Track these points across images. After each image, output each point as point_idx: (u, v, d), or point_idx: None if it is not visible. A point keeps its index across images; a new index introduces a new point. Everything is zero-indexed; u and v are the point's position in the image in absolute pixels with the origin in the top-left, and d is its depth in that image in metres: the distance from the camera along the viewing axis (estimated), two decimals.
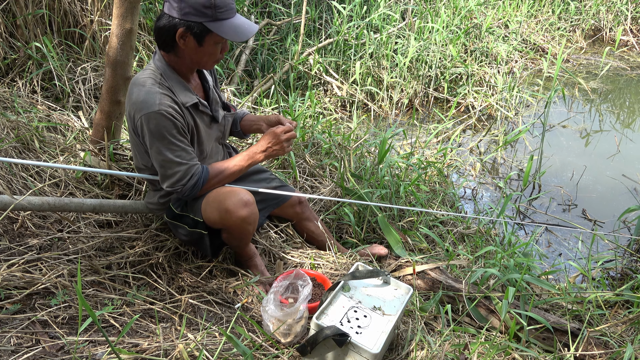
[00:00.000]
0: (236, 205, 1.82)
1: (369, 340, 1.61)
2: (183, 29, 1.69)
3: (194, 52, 1.75)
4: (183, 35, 1.71)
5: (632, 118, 4.54)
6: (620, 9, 5.91)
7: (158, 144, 1.75)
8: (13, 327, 1.58)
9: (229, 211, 1.82)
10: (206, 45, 1.73)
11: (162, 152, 1.75)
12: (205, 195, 1.91)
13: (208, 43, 1.73)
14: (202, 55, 1.77)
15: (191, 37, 1.71)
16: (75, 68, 3.19)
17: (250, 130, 2.16)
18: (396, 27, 4.62)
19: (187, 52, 1.76)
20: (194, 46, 1.73)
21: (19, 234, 2.04)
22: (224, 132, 2.09)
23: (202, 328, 1.77)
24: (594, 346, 1.87)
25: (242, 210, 1.83)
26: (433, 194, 2.94)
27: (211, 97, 1.96)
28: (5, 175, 2.26)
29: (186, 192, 1.83)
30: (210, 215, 1.88)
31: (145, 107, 1.71)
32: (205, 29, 1.69)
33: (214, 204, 1.86)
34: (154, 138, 1.74)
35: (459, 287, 2.09)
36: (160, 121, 1.72)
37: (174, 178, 1.79)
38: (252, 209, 1.87)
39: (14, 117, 2.57)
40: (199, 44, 1.73)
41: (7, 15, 3.06)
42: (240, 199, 1.83)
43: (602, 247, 2.93)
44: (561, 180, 3.54)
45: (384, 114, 4.29)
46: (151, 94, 1.72)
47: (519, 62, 5.12)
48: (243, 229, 1.90)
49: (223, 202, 1.84)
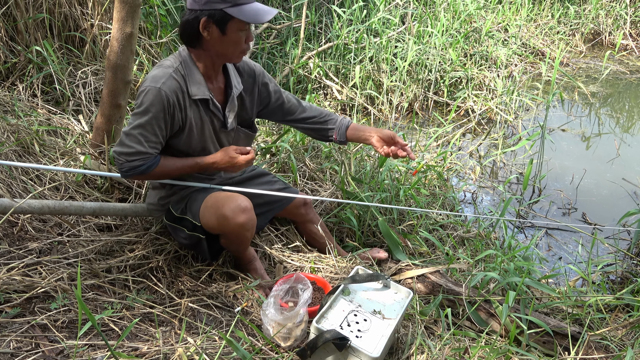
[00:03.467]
0: (234, 212, 1.82)
1: (369, 344, 1.61)
2: (205, 18, 1.73)
3: (218, 42, 1.78)
4: (206, 25, 1.74)
5: (631, 122, 4.55)
6: (619, 13, 5.93)
7: (138, 116, 1.76)
8: (12, 330, 1.58)
9: (226, 217, 1.82)
10: (229, 32, 1.76)
11: (135, 124, 1.76)
12: (204, 200, 1.91)
13: (231, 30, 1.75)
14: (227, 44, 1.79)
15: (214, 25, 1.74)
16: (75, 72, 3.20)
17: (358, 140, 2.11)
18: (396, 31, 4.63)
19: (212, 43, 1.79)
20: (217, 35, 1.76)
21: (18, 238, 2.04)
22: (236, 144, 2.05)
23: (202, 332, 1.77)
24: (594, 350, 1.87)
25: (240, 216, 1.83)
26: (433, 198, 2.94)
27: (229, 102, 1.94)
28: (6, 179, 2.26)
29: (125, 168, 1.79)
30: (207, 221, 1.88)
31: (152, 81, 1.76)
32: (226, 15, 1.72)
33: (212, 209, 1.86)
34: (138, 109, 1.76)
35: (459, 290, 2.09)
36: (154, 98, 1.74)
37: (125, 149, 1.77)
38: (250, 215, 1.87)
39: (14, 121, 2.58)
40: (222, 32, 1.75)
41: (7, 19, 3.07)
42: (238, 205, 1.83)
43: (602, 251, 2.93)
44: (561, 184, 3.54)
45: (383, 118, 4.30)
46: (163, 73, 1.78)
47: (518, 65, 5.13)
48: (241, 235, 1.90)
49: (221, 208, 1.83)
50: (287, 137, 3.06)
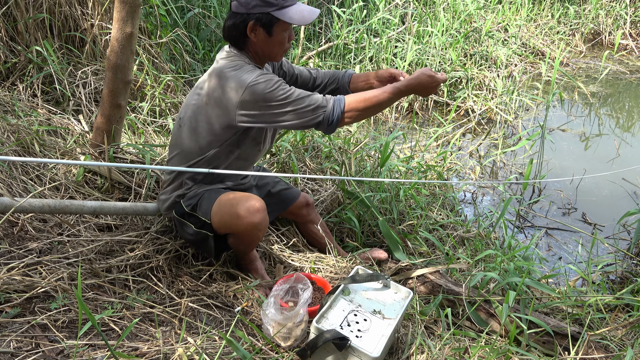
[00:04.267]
0: (248, 211, 1.82)
1: (369, 344, 1.61)
2: (252, 21, 1.78)
3: (265, 44, 1.84)
4: (253, 29, 1.80)
5: (631, 122, 4.55)
6: (619, 13, 5.93)
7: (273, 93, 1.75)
8: (13, 330, 1.58)
9: (240, 217, 1.82)
10: (275, 34, 1.82)
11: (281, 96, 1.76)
12: (217, 199, 1.91)
13: (277, 32, 1.82)
14: (273, 45, 1.85)
15: (261, 28, 1.80)
16: (75, 72, 3.20)
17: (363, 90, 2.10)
18: (396, 31, 4.63)
19: (258, 45, 1.85)
20: (264, 37, 1.82)
21: (19, 238, 2.04)
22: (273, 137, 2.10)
23: (202, 332, 1.77)
24: (594, 350, 1.87)
25: (254, 216, 1.83)
26: (433, 198, 2.94)
27: None
28: (6, 179, 2.26)
29: (329, 113, 1.78)
30: (219, 220, 1.88)
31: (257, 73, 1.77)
32: (273, 18, 1.78)
33: (225, 208, 1.87)
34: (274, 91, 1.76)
35: (459, 290, 2.09)
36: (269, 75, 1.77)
37: (313, 106, 1.77)
38: (264, 215, 1.87)
39: (14, 121, 2.58)
40: (268, 34, 1.81)
41: (7, 19, 3.07)
42: (252, 204, 1.83)
43: (602, 251, 2.93)
44: (561, 183, 3.55)
45: (384, 118, 4.30)
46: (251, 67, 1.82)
47: (518, 65, 5.13)
48: (253, 235, 1.91)
49: (235, 207, 1.84)
50: (288, 136, 3.06)
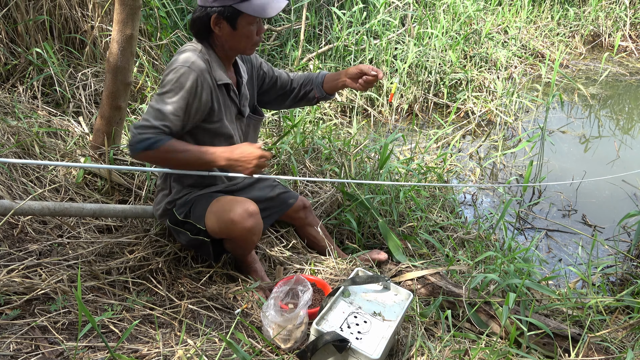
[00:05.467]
0: (242, 216, 1.82)
1: (369, 346, 1.61)
2: (215, 15, 1.75)
3: (230, 38, 1.80)
4: (217, 22, 1.77)
5: (631, 124, 4.55)
6: (619, 14, 5.94)
7: (163, 95, 1.73)
8: (12, 332, 1.58)
9: (234, 222, 1.82)
10: (240, 27, 1.78)
11: (158, 100, 1.73)
12: (209, 205, 1.90)
13: (241, 25, 1.78)
14: (238, 39, 1.81)
15: (224, 22, 1.77)
16: (75, 74, 3.20)
17: (336, 88, 2.15)
18: (396, 33, 4.63)
19: (223, 39, 1.81)
20: (229, 31, 1.79)
21: (19, 240, 2.04)
22: (247, 134, 2.08)
23: (202, 334, 1.77)
24: (594, 352, 1.87)
25: (248, 221, 1.83)
26: (433, 199, 2.94)
27: (242, 91, 1.97)
28: (6, 181, 2.26)
29: (134, 140, 1.71)
30: (213, 225, 1.88)
31: (183, 62, 1.75)
32: (235, 11, 1.74)
33: (218, 213, 1.86)
34: (164, 88, 1.74)
35: (459, 292, 2.09)
36: (183, 78, 1.73)
37: (142, 123, 1.71)
38: (257, 219, 1.87)
39: (14, 123, 2.58)
40: (233, 27, 1.78)
41: (8, 21, 3.07)
42: (246, 209, 1.83)
43: (602, 253, 2.93)
44: (561, 185, 3.54)
45: (383, 120, 4.30)
46: (191, 54, 1.78)
47: (518, 67, 5.13)
48: (248, 239, 1.90)
49: (228, 212, 1.83)
50: (287, 138, 3.06)
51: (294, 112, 3.54)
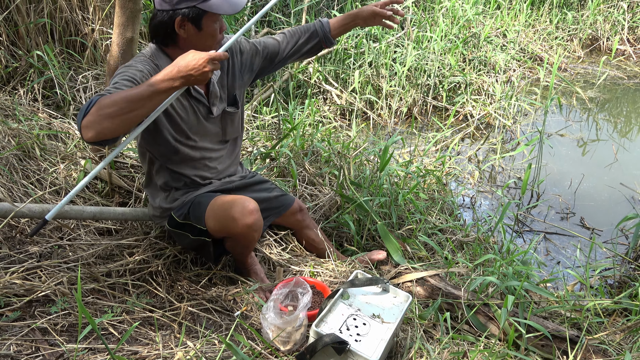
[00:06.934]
0: (242, 213, 1.82)
1: (368, 348, 1.61)
2: (180, 17, 1.71)
3: (196, 38, 1.77)
4: (182, 24, 1.73)
5: (629, 127, 4.56)
6: (617, 18, 5.95)
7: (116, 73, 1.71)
8: (13, 334, 1.58)
9: (235, 219, 1.82)
10: (205, 27, 1.76)
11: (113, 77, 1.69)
12: (209, 204, 1.91)
13: (206, 24, 1.75)
14: (205, 39, 1.78)
15: (189, 23, 1.73)
16: (76, 76, 3.21)
17: (347, 31, 2.09)
18: (395, 36, 4.64)
19: (189, 40, 1.78)
20: (194, 32, 1.76)
21: (19, 242, 2.04)
22: (224, 129, 2.05)
23: (202, 336, 1.77)
24: (592, 354, 1.87)
25: (248, 217, 1.83)
26: (432, 202, 2.94)
27: (211, 90, 1.94)
28: (7, 183, 2.26)
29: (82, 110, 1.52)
30: (214, 224, 1.88)
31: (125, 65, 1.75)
32: (200, 11, 1.72)
33: (219, 212, 1.86)
34: None
35: (458, 294, 2.09)
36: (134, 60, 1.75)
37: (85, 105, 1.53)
38: (257, 216, 1.87)
39: (15, 125, 2.58)
40: (198, 28, 1.75)
41: (9, 23, 3.08)
42: (246, 206, 1.84)
43: (600, 255, 2.93)
44: (559, 188, 3.55)
45: (383, 123, 4.31)
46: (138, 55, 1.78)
47: (517, 71, 5.14)
48: (249, 236, 1.91)
49: (229, 210, 1.84)
50: (287, 141, 3.06)
51: (293, 115, 3.54)
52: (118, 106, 1.47)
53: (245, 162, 2.82)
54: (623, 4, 5.95)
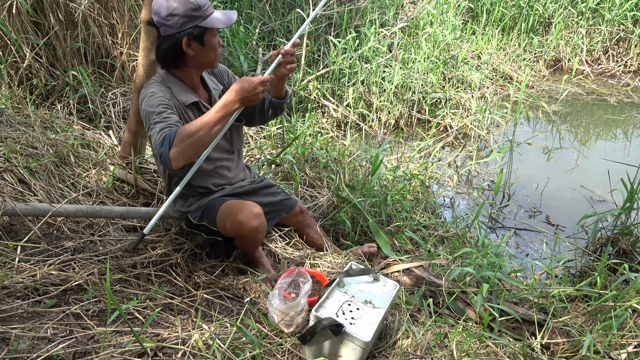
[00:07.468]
0: (248, 217, 1.82)
1: (361, 330, 1.61)
2: (186, 38, 1.70)
3: (201, 54, 1.75)
4: (188, 44, 1.72)
5: (587, 137, 4.56)
6: (577, 42, 5.96)
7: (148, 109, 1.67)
8: (50, 319, 1.57)
9: (242, 222, 1.82)
10: (207, 42, 1.74)
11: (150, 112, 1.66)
12: (220, 208, 1.90)
13: (208, 39, 1.74)
14: (208, 53, 1.77)
15: (194, 41, 1.72)
16: (106, 93, 3.20)
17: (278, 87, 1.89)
18: (384, 58, 4.65)
19: (196, 57, 1.76)
20: (199, 49, 1.74)
21: (55, 238, 2.03)
22: (231, 141, 2.03)
23: (216, 320, 1.76)
24: (557, 335, 1.86)
25: (254, 221, 1.83)
26: (416, 202, 2.93)
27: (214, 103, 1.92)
28: (45, 186, 2.25)
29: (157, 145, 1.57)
30: (224, 226, 1.88)
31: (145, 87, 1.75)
32: (202, 29, 1.70)
33: (228, 215, 1.86)
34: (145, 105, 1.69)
35: (439, 283, 2.08)
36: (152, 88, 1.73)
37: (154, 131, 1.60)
38: (262, 219, 1.86)
39: (53, 136, 2.58)
40: (202, 44, 1.73)
41: (48, 48, 3.08)
42: (252, 211, 1.83)
43: (563, 249, 2.93)
44: (528, 190, 3.55)
45: (373, 133, 4.30)
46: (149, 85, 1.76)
47: (490, 88, 5.14)
48: (254, 237, 1.90)
49: (236, 214, 1.83)
50: (290, 149, 3.06)
51: (296, 126, 3.54)
52: (197, 135, 1.55)
53: (254, 167, 2.81)
54: (582, 30, 5.97)
